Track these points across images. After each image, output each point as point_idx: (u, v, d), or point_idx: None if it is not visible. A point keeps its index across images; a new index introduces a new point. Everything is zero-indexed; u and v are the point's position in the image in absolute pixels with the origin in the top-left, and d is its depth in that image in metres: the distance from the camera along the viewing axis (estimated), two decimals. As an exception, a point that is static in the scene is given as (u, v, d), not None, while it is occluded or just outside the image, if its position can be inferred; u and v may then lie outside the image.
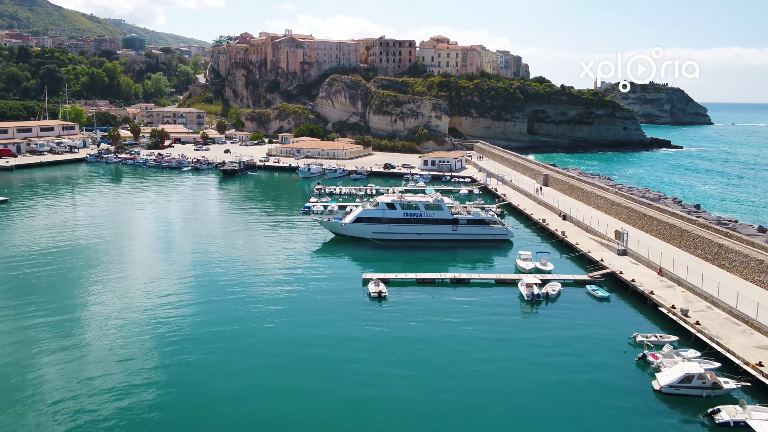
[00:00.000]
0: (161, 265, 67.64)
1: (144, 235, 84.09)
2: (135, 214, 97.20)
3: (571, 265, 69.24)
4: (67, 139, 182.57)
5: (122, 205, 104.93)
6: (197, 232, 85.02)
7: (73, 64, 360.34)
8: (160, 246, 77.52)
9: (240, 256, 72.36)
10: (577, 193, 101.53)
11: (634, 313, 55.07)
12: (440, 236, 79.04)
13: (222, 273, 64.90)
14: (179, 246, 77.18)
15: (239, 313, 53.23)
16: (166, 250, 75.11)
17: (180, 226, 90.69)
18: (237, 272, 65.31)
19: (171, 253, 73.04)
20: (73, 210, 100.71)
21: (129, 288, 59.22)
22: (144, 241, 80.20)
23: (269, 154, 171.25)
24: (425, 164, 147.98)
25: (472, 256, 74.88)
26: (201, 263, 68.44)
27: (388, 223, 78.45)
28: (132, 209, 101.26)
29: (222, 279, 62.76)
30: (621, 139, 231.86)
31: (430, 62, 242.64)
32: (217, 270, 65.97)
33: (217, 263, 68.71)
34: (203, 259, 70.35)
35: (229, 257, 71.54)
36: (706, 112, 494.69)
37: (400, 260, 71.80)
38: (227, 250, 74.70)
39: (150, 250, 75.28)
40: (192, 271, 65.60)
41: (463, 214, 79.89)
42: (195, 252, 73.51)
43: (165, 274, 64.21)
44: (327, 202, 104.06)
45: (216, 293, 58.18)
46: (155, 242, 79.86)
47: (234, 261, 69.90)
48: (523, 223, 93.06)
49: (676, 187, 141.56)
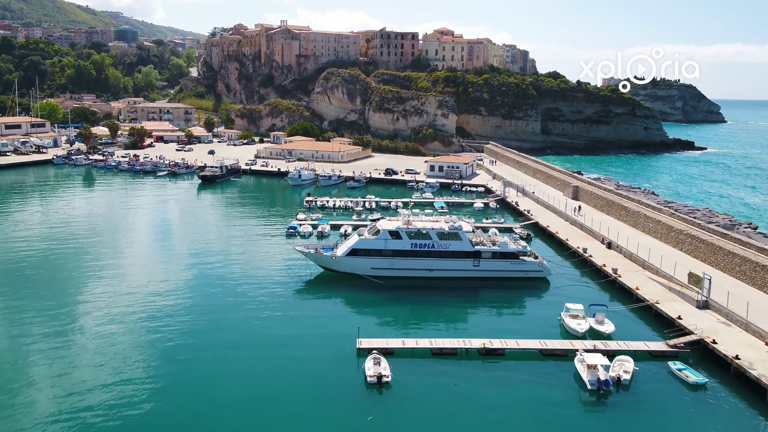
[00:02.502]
0: (67, 327, 50.60)
1: (60, 267, 66.21)
2: (71, 236, 79.74)
3: (635, 321, 52.13)
4: (35, 137, 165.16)
5: (57, 226, 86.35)
6: (142, 263, 67.63)
7: (59, 56, 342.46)
8: (75, 288, 59.21)
9: (191, 304, 54.55)
10: (618, 212, 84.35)
11: (748, 412, 38.15)
12: (458, 273, 62.07)
13: (159, 334, 47.79)
14: (110, 288, 59.10)
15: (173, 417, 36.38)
16: (87, 294, 57.60)
17: (125, 254, 72.85)
18: (182, 331, 48.15)
19: (86, 306, 55.80)
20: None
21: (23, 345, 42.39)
22: (53, 277, 62.37)
23: (257, 156, 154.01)
24: (432, 170, 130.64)
25: (499, 301, 57.88)
26: (127, 317, 51.24)
27: (391, 256, 61.41)
28: (71, 229, 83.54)
29: (155, 348, 45.71)
30: (641, 140, 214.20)
31: (434, 56, 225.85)
32: (151, 326, 48.81)
33: (156, 314, 51.46)
34: (133, 308, 53.12)
35: (175, 305, 54.11)
36: (719, 109, 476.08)
37: (405, 307, 55.02)
38: (174, 291, 57.33)
39: (58, 296, 57.93)
40: (116, 335, 48.52)
41: (487, 245, 62.82)
42: (126, 294, 56.13)
43: (80, 340, 47.20)
44: (317, 220, 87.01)
45: (140, 376, 41.21)
46: (70, 282, 61.96)
47: (180, 312, 52.44)
48: (553, 248, 76.06)
49: (726, 202, 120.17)
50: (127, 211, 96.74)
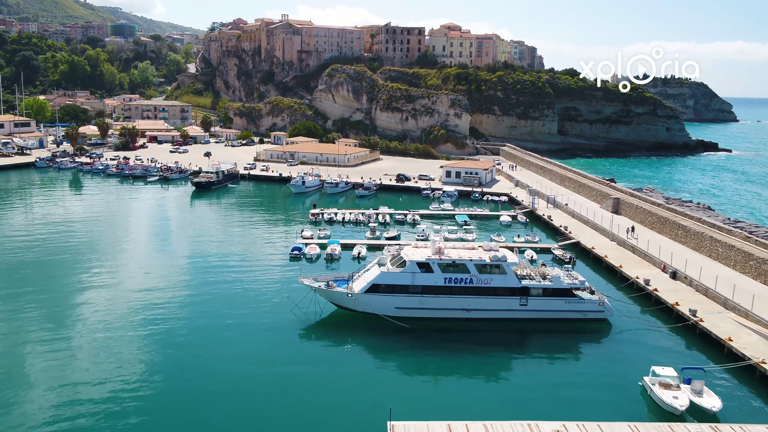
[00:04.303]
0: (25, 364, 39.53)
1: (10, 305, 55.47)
2: (41, 254, 68.63)
3: (741, 390, 40.80)
4: (18, 138, 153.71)
5: (27, 245, 76.15)
6: (112, 295, 56.49)
7: (53, 51, 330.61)
8: (37, 316, 48.96)
9: (161, 357, 43.84)
10: (673, 231, 72.99)
11: None
12: (501, 314, 50.87)
13: (127, 418, 36.68)
14: (72, 324, 48.51)
15: None
16: (47, 323, 46.65)
17: (97, 281, 61.76)
18: (152, 396, 37.13)
19: (47, 344, 44.72)
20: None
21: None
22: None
23: (257, 159, 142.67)
24: (448, 176, 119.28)
25: (554, 351, 46.69)
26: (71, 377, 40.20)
27: (420, 294, 50.17)
28: (40, 245, 72.60)
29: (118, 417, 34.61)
30: (663, 141, 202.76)
31: (441, 52, 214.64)
32: (120, 398, 37.75)
33: (122, 388, 40.43)
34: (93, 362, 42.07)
35: (145, 361, 43.16)
36: (731, 108, 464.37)
37: (440, 360, 44.05)
38: (147, 336, 46.31)
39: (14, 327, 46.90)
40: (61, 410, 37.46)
41: (536, 279, 51.57)
42: (91, 345, 45.11)
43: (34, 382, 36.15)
44: (325, 238, 75.78)
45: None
46: (26, 325, 51.26)
47: (151, 370, 41.52)
48: (601, 275, 64.98)
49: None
50: (104, 225, 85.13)
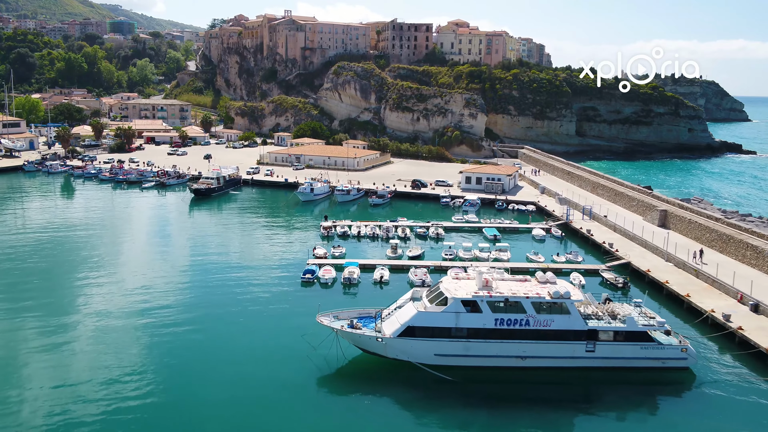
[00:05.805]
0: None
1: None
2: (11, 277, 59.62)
3: None
4: (6, 139, 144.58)
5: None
6: (90, 335, 47.48)
7: (49, 49, 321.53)
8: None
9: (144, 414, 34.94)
10: (740, 251, 63.74)
11: None
12: (563, 362, 41.85)
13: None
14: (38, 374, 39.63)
15: None
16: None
17: (73, 313, 52.75)
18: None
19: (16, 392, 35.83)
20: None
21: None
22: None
23: (260, 163, 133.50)
24: (467, 182, 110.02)
25: (631, 409, 37.72)
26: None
27: (465, 338, 41.15)
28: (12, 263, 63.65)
29: None
30: (685, 143, 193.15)
31: (450, 49, 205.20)
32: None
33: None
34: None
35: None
36: (743, 107, 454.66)
37: (487, 415, 35.12)
38: (125, 395, 37.34)
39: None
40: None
41: (605, 319, 42.52)
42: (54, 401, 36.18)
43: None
44: (340, 256, 66.73)
45: None
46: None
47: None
48: (662, 303, 55.88)
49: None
50: (89, 250, 76.15)
